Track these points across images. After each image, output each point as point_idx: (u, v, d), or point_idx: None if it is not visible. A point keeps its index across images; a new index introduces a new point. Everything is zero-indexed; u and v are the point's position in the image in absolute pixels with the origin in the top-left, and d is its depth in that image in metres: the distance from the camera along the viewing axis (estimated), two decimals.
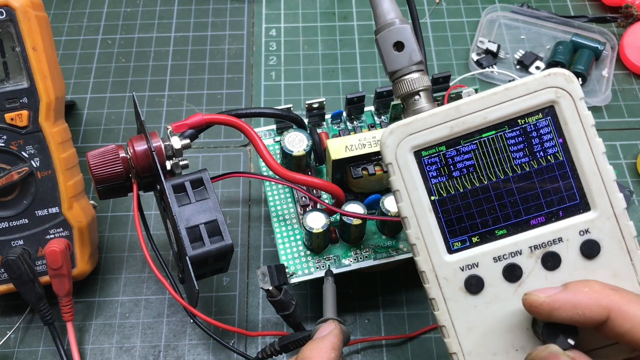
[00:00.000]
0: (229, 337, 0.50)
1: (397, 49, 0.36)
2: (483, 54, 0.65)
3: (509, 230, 0.33)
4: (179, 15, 0.70)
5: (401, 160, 0.32)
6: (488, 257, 0.32)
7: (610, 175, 0.32)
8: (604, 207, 0.32)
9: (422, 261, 0.32)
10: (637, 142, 0.60)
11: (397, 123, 0.32)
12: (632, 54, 0.64)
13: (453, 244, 0.33)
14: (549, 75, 0.32)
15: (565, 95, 0.32)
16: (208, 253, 0.40)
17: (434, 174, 0.33)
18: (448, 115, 0.32)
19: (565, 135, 0.32)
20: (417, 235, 0.32)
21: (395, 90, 0.37)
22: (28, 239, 0.48)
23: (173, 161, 0.44)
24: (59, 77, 0.50)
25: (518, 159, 0.32)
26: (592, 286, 0.30)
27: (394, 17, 0.37)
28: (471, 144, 0.32)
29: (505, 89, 0.32)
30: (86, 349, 0.50)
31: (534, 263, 0.32)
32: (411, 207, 0.32)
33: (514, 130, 0.32)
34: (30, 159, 0.48)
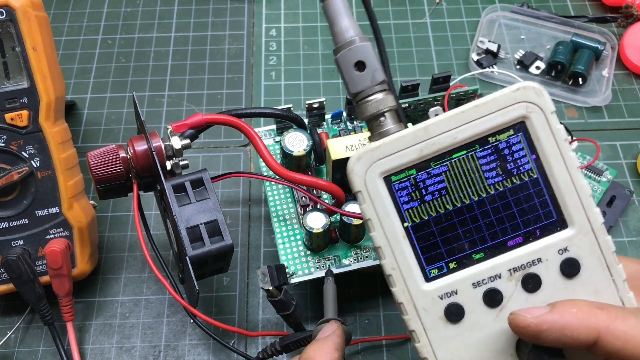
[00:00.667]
0: (229, 337, 0.50)
1: (359, 68, 0.34)
2: (483, 54, 0.65)
3: (486, 253, 0.31)
4: (179, 15, 0.70)
5: (371, 187, 0.31)
6: (467, 283, 0.31)
7: (586, 191, 0.31)
8: (581, 224, 0.31)
9: (399, 292, 0.31)
10: (637, 142, 0.60)
11: (363, 148, 0.31)
12: (632, 54, 0.64)
13: (430, 271, 0.32)
14: (519, 90, 0.30)
15: (536, 109, 0.31)
16: (208, 253, 0.40)
17: (405, 200, 0.31)
18: (416, 137, 0.31)
19: (538, 151, 0.31)
20: (393, 265, 0.31)
21: (359, 112, 0.35)
22: (28, 239, 0.48)
23: (173, 161, 0.44)
24: (59, 77, 0.50)
25: (491, 178, 0.31)
26: (579, 306, 0.29)
27: (353, 35, 0.34)
28: (442, 166, 0.31)
29: (474, 107, 0.31)
30: (86, 349, 0.50)
31: (514, 286, 0.31)
32: (384, 236, 0.31)
33: (485, 149, 0.31)
34: (31, 159, 0.48)
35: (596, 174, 0.54)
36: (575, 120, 0.61)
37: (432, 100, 0.52)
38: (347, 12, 0.35)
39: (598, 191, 0.53)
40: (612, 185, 0.55)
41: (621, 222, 0.55)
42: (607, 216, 0.54)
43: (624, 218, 0.55)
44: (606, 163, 0.57)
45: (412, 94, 0.53)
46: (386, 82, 0.34)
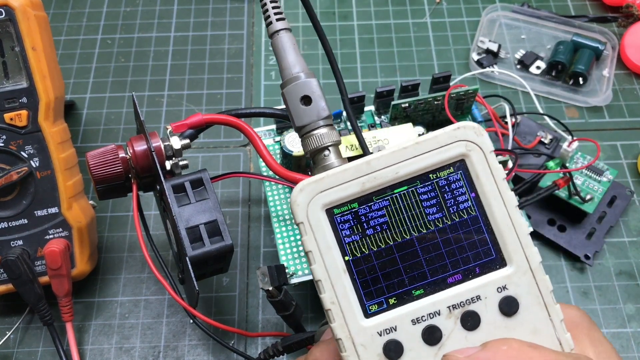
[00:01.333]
0: (229, 338, 0.50)
1: (305, 103, 0.35)
2: (483, 54, 0.65)
3: (426, 290, 0.31)
4: (178, 15, 0.70)
5: (313, 219, 0.31)
6: (406, 319, 0.31)
7: (524, 229, 0.31)
8: (519, 262, 0.31)
9: (338, 328, 0.31)
10: (637, 142, 0.60)
11: (307, 180, 0.31)
12: (632, 53, 0.64)
13: (369, 306, 0.31)
14: (459, 129, 0.31)
15: (476, 148, 0.31)
16: (208, 253, 0.40)
17: (347, 233, 0.31)
18: (359, 171, 0.31)
19: (478, 189, 0.31)
20: (332, 299, 0.31)
21: (304, 145, 0.36)
22: (27, 239, 0.48)
23: (173, 161, 0.44)
24: (59, 77, 0.50)
25: (431, 214, 0.31)
26: (510, 344, 0.29)
27: (299, 70, 0.36)
28: (384, 200, 0.31)
29: (416, 143, 0.31)
30: (86, 350, 0.50)
31: (453, 324, 0.31)
32: (325, 269, 0.31)
33: (425, 185, 0.31)
34: (30, 159, 0.48)
35: (597, 174, 0.54)
36: (575, 120, 0.61)
37: (433, 100, 0.52)
38: (294, 48, 0.37)
39: (599, 191, 0.53)
40: (613, 185, 0.55)
41: (622, 223, 0.55)
42: (608, 216, 0.54)
43: (624, 218, 0.55)
44: (607, 163, 0.57)
45: (412, 94, 0.53)
46: (331, 117, 0.36)
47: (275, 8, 0.37)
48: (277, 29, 0.37)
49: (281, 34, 0.37)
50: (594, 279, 0.52)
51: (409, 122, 0.52)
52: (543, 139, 0.55)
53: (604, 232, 0.54)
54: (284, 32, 0.37)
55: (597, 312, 0.51)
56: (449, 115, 0.51)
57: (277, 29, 0.37)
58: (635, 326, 0.50)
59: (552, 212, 0.54)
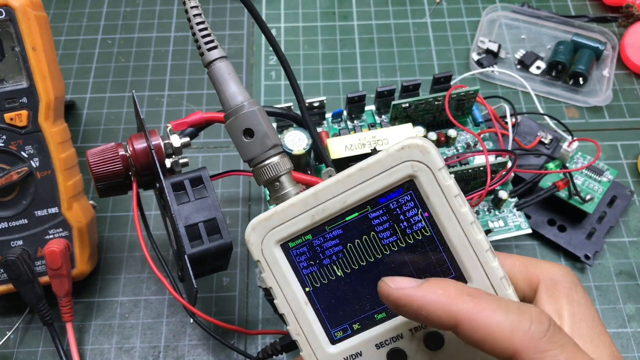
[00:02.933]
0: (229, 338, 0.50)
1: (248, 136, 0.34)
2: (484, 54, 0.65)
3: (387, 313, 0.31)
4: (178, 14, 0.70)
5: (269, 256, 0.31)
6: (370, 344, 0.31)
7: (483, 246, 0.30)
8: (479, 279, 0.30)
9: (306, 356, 0.31)
10: (637, 142, 0.60)
11: (257, 218, 0.31)
12: (632, 53, 0.64)
13: (335, 333, 0.31)
14: (403, 149, 0.29)
15: (423, 167, 0.29)
16: (207, 251, 0.40)
17: (304, 265, 0.31)
18: (307, 204, 0.30)
19: (430, 209, 0.30)
20: (297, 331, 0.31)
21: (255, 177, 0.34)
22: (27, 239, 0.48)
23: (173, 159, 0.44)
24: (59, 77, 0.50)
25: (386, 238, 0.30)
26: (447, 288, 0.27)
27: (241, 101, 0.34)
28: (337, 229, 0.31)
29: (359, 170, 0.30)
30: (86, 350, 0.50)
31: (416, 345, 0.30)
32: (286, 303, 0.31)
33: (376, 209, 0.30)
34: (30, 159, 0.48)
35: (597, 174, 0.54)
36: (575, 120, 0.61)
37: (433, 100, 0.51)
38: (234, 77, 0.35)
39: (599, 191, 0.53)
40: (613, 185, 0.55)
41: (622, 223, 0.55)
42: (608, 216, 0.54)
43: (624, 218, 0.55)
44: (607, 163, 0.57)
45: (412, 94, 0.53)
46: (279, 145, 0.34)
47: (206, 37, 0.34)
48: (211, 59, 0.34)
49: (217, 64, 0.34)
50: (594, 279, 0.52)
51: (410, 122, 0.52)
52: (543, 139, 0.55)
53: (604, 232, 0.54)
54: (219, 61, 0.35)
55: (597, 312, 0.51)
56: (449, 115, 0.51)
57: (212, 59, 0.34)
58: (635, 326, 0.50)
59: (552, 212, 0.54)
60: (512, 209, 0.51)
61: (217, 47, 0.35)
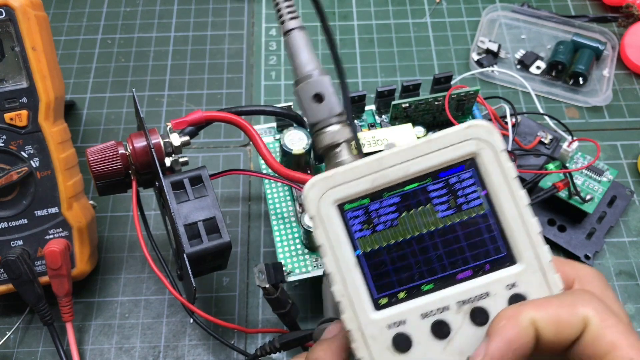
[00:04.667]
0: (229, 338, 0.50)
1: (317, 100, 0.36)
2: (484, 54, 0.65)
3: (435, 285, 0.31)
4: (178, 14, 0.70)
5: (324, 214, 0.31)
6: (415, 313, 0.31)
7: (535, 228, 0.31)
8: (529, 261, 0.31)
9: (348, 319, 0.31)
10: (637, 142, 0.60)
11: (318, 176, 0.31)
12: (632, 53, 0.64)
13: (379, 300, 0.31)
14: (470, 127, 0.31)
15: (486, 147, 0.31)
16: (206, 250, 0.40)
17: (357, 228, 0.31)
18: (370, 168, 0.31)
19: (488, 188, 0.31)
20: (342, 292, 0.31)
21: (316, 142, 0.36)
22: (27, 239, 0.48)
23: (172, 158, 0.44)
24: (59, 77, 0.50)
25: (442, 211, 0.31)
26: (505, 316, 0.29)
27: (312, 68, 0.36)
28: (394, 197, 0.31)
29: (427, 142, 0.31)
30: (86, 350, 0.50)
31: (462, 319, 0.31)
32: (335, 262, 0.31)
33: (436, 182, 0.31)
34: (30, 159, 0.48)
35: (597, 174, 0.54)
36: (575, 120, 0.61)
37: (433, 100, 0.51)
38: (308, 46, 0.37)
39: (599, 191, 0.53)
40: (613, 185, 0.55)
41: (622, 223, 0.55)
42: (608, 216, 0.54)
43: (624, 218, 0.55)
44: (607, 163, 0.57)
45: (413, 94, 0.53)
46: (344, 114, 0.36)
47: (289, 7, 0.37)
48: (290, 27, 0.37)
49: (294, 33, 0.37)
50: None
51: (410, 122, 0.52)
52: (543, 139, 0.55)
53: (604, 232, 0.54)
54: (297, 30, 0.37)
55: None
56: (449, 116, 0.51)
57: (290, 28, 0.37)
58: (636, 326, 0.50)
59: (552, 212, 0.54)
60: None
61: (297, 18, 0.37)
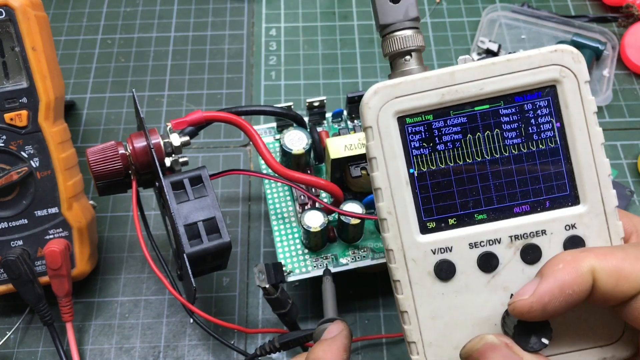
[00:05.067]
0: (229, 338, 0.50)
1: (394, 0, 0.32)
2: (484, 54, 0.65)
3: (489, 215, 0.30)
4: (178, 15, 0.70)
5: (383, 125, 0.29)
6: (464, 242, 0.30)
7: (606, 170, 0.29)
8: (594, 203, 0.29)
9: (390, 238, 0.30)
10: (637, 142, 0.60)
11: (383, 83, 0.29)
12: (632, 53, 0.64)
13: (427, 223, 0.30)
14: (556, 52, 0.29)
15: (570, 75, 0.29)
16: (206, 250, 0.40)
17: (416, 145, 0.30)
18: (441, 81, 0.29)
19: (564, 120, 0.29)
20: (389, 209, 0.29)
21: (384, 47, 0.33)
22: (27, 239, 0.48)
23: (172, 158, 0.44)
24: (59, 77, 0.50)
25: (510, 138, 0.30)
26: (563, 259, 0.27)
27: None
28: (461, 117, 0.30)
29: (507, 60, 0.29)
30: (86, 350, 0.50)
31: (512, 254, 0.30)
32: (387, 177, 0.29)
33: (509, 107, 0.29)
34: (30, 159, 0.48)
35: None
36: None
37: None
38: None
39: None
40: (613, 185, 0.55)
41: None
42: None
43: None
44: None
45: None
46: (419, 19, 0.33)
47: None
48: None
49: None
50: None
51: None
52: None
53: None
54: None
55: None
56: None
57: None
58: None
59: None
60: None
61: None
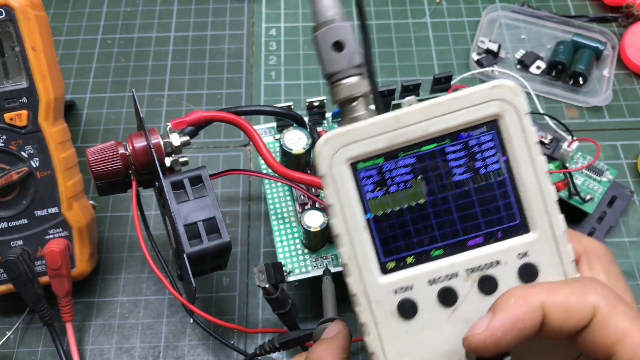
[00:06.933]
0: (229, 338, 0.50)
1: (337, 49, 0.33)
2: (484, 54, 0.65)
3: (445, 251, 0.31)
4: (178, 14, 0.70)
5: (336, 172, 0.30)
6: (423, 279, 0.30)
7: (552, 197, 0.30)
8: (543, 230, 0.30)
9: (353, 282, 0.30)
10: (637, 142, 0.60)
11: (333, 132, 0.30)
12: (632, 53, 0.64)
13: (387, 264, 0.31)
14: (495, 87, 0.30)
15: (511, 109, 0.30)
16: (206, 250, 0.40)
17: (369, 189, 0.30)
18: (388, 126, 0.30)
19: (509, 152, 0.30)
20: (350, 254, 0.30)
21: (332, 94, 0.34)
22: (27, 239, 0.48)
23: (172, 158, 0.44)
24: (59, 77, 0.50)
25: (459, 174, 0.30)
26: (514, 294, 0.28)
27: (334, 14, 0.33)
28: (410, 157, 0.30)
29: (450, 99, 0.30)
30: (86, 350, 0.50)
31: (469, 287, 0.30)
32: (344, 223, 0.30)
33: (455, 144, 0.30)
34: (30, 159, 0.48)
35: (597, 174, 0.54)
36: (575, 120, 0.61)
37: None
38: None
39: (599, 191, 0.53)
40: (613, 185, 0.55)
41: (622, 222, 0.55)
42: (608, 216, 0.54)
43: (624, 218, 0.55)
44: (607, 163, 0.57)
45: (413, 94, 0.53)
46: (363, 66, 0.33)
47: None
48: None
49: None
50: None
51: None
52: (543, 139, 0.55)
53: (604, 232, 0.54)
54: None
55: None
56: None
57: None
58: None
59: None
60: None
61: None
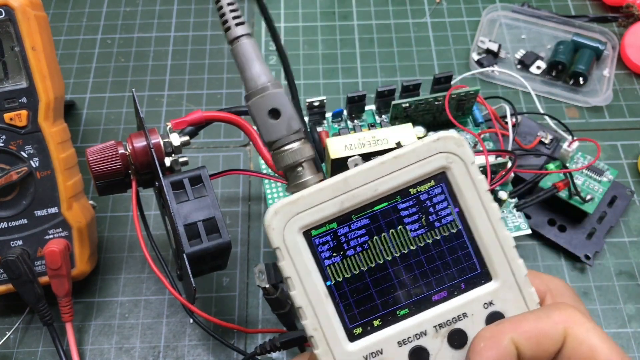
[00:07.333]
0: (229, 338, 0.50)
1: (273, 116, 0.33)
2: (484, 54, 0.65)
3: (411, 309, 0.30)
4: (178, 14, 0.70)
5: (290, 243, 0.29)
6: (392, 341, 0.30)
7: (509, 242, 0.30)
8: (505, 276, 0.30)
9: (322, 354, 0.29)
10: (638, 142, 0.60)
11: (281, 202, 0.29)
12: (633, 53, 0.64)
13: (354, 330, 0.30)
14: (438, 140, 0.30)
15: (457, 160, 0.30)
16: (205, 250, 0.40)
17: (326, 255, 0.30)
18: (337, 190, 0.29)
19: (460, 203, 0.30)
20: (315, 326, 0.29)
21: (276, 162, 0.33)
22: (27, 239, 0.48)
23: (172, 158, 0.44)
24: (58, 77, 0.50)
25: (414, 231, 0.30)
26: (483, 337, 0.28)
27: (266, 81, 0.33)
28: (363, 219, 0.30)
29: (394, 158, 0.30)
30: (85, 350, 0.50)
31: (440, 343, 0.30)
32: (305, 295, 0.29)
33: (406, 200, 0.30)
34: (30, 159, 0.48)
35: (597, 174, 0.54)
36: (575, 120, 0.61)
37: (433, 100, 0.51)
38: (259, 56, 0.34)
39: (599, 191, 0.53)
40: (613, 185, 0.55)
41: (622, 223, 0.55)
42: (608, 216, 0.54)
43: (624, 218, 0.55)
44: (607, 163, 0.57)
45: (413, 94, 0.53)
46: (302, 130, 0.33)
47: (233, 12, 0.34)
48: (237, 35, 0.34)
49: (242, 41, 0.34)
50: (594, 279, 0.52)
51: (410, 122, 0.52)
52: (543, 139, 0.55)
53: (604, 232, 0.54)
54: (245, 38, 0.34)
55: (597, 312, 0.51)
56: (450, 116, 0.51)
57: (238, 35, 0.34)
58: (636, 326, 0.50)
59: (553, 212, 0.54)
60: (512, 209, 0.51)
61: (244, 24, 0.34)
